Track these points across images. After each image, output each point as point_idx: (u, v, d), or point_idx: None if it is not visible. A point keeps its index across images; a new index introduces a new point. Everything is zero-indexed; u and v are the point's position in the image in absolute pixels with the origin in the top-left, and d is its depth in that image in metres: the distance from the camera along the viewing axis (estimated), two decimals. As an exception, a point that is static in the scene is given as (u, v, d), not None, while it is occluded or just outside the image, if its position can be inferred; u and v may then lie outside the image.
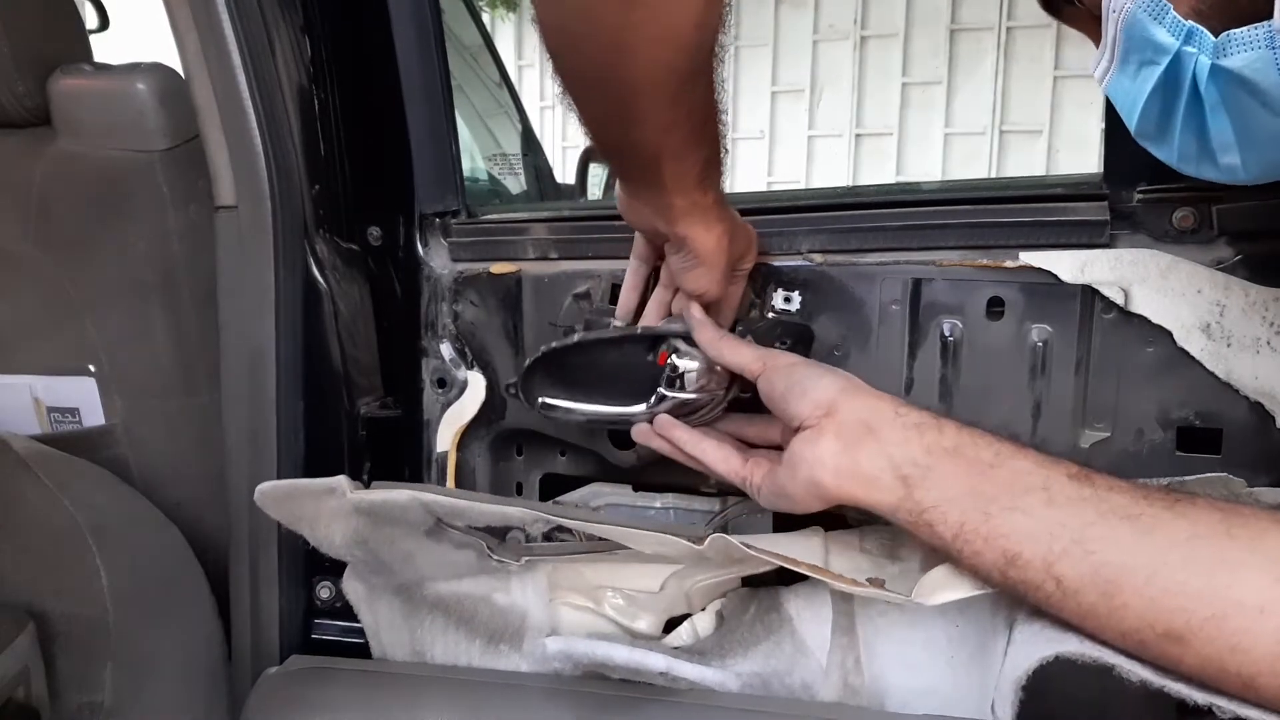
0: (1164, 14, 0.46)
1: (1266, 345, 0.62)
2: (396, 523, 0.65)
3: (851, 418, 0.57)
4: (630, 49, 0.48)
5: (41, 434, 0.98)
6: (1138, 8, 0.47)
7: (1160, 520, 0.48)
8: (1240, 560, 0.45)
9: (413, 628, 0.72)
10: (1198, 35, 0.45)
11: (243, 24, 0.73)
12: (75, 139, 0.91)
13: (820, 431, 0.58)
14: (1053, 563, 0.50)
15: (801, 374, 0.62)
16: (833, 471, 0.57)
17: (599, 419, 0.72)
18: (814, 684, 0.62)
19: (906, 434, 0.56)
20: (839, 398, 0.58)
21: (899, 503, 0.55)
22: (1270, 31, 0.42)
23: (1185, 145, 0.49)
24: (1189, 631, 0.45)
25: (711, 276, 0.64)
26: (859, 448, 0.56)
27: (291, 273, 0.77)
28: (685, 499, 0.84)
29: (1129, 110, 0.51)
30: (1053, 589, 0.50)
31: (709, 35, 0.50)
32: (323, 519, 0.66)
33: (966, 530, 0.53)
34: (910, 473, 0.55)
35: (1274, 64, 0.42)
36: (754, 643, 0.63)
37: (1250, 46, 0.43)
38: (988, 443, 0.55)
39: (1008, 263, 0.68)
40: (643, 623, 0.69)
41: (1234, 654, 0.44)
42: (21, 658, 0.77)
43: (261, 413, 0.77)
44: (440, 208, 0.82)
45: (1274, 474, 0.64)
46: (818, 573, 0.59)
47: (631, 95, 0.51)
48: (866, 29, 5.52)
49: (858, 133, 5.63)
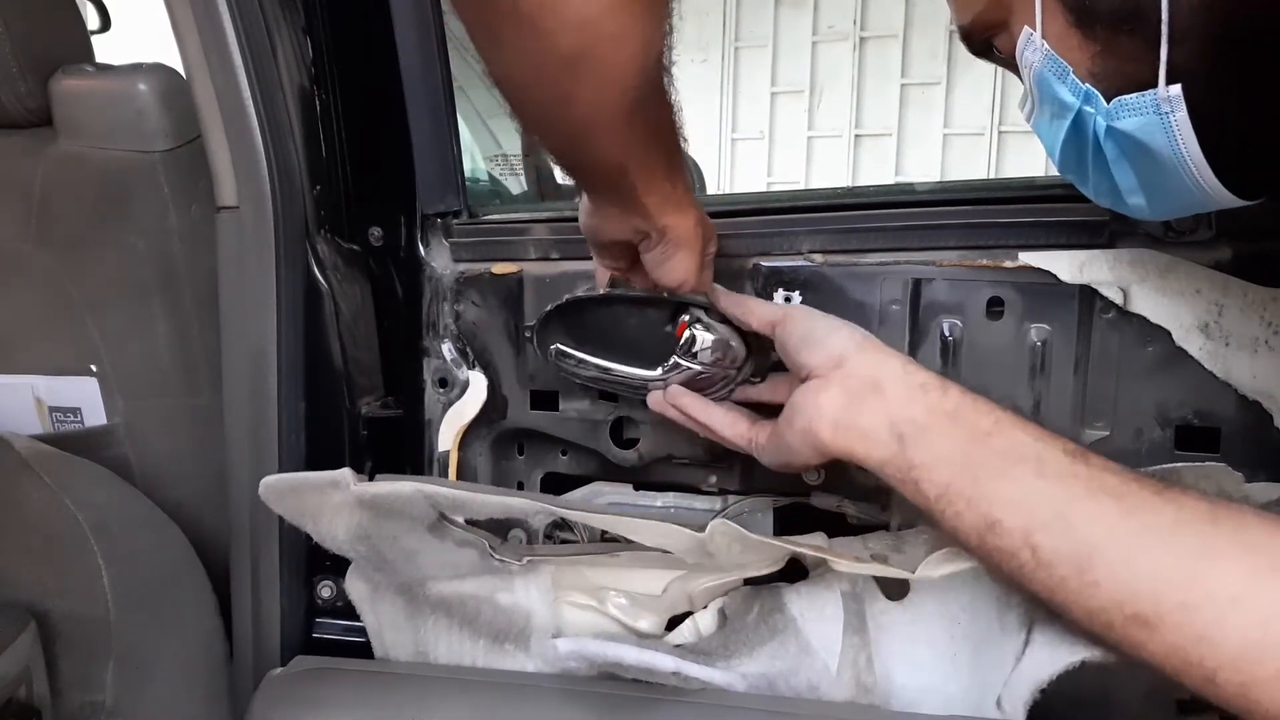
0: (1065, 75, 0.50)
1: (1265, 345, 0.63)
2: (399, 517, 0.65)
3: (860, 372, 0.58)
4: (577, 98, 0.49)
5: (43, 434, 0.98)
6: (1043, 68, 0.50)
7: (1146, 503, 0.48)
8: (1220, 549, 0.45)
9: (416, 627, 0.72)
10: (1094, 98, 0.49)
11: (244, 25, 0.73)
12: (76, 139, 0.91)
13: (827, 382, 0.59)
14: (1032, 532, 0.50)
15: (819, 324, 0.62)
16: (831, 424, 0.58)
17: (610, 377, 0.72)
18: (820, 684, 0.62)
19: (910, 393, 0.56)
20: (851, 352, 0.59)
21: (890, 458, 0.56)
22: (1155, 99, 0.46)
23: (1099, 185, 0.53)
24: (1157, 617, 0.45)
25: (691, 262, 0.65)
26: (862, 403, 0.57)
27: (293, 273, 0.77)
28: (686, 498, 0.84)
29: (1050, 149, 0.55)
30: (1027, 558, 0.50)
31: (654, 61, 0.51)
32: (326, 513, 0.66)
33: (952, 491, 0.53)
34: (906, 430, 0.56)
35: (1160, 128, 0.46)
36: (759, 643, 0.63)
37: (1139, 112, 0.47)
38: (988, 410, 0.55)
39: (1007, 263, 0.68)
40: (645, 622, 0.69)
41: (1199, 644, 0.44)
42: (23, 657, 0.77)
43: (263, 412, 0.77)
44: (442, 208, 0.82)
45: (1272, 472, 0.64)
46: (821, 551, 0.59)
47: (585, 129, 0.52)
48: (866, 30, 5.52)
49: (857, 133, 5.63)
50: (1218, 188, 0.47)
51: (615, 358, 0.71)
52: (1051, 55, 0.50)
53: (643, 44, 0.48)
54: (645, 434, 0.79)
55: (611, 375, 0.72)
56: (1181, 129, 0.45)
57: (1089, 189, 0.55)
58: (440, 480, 0.65)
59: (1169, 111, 0.45)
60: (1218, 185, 0.47)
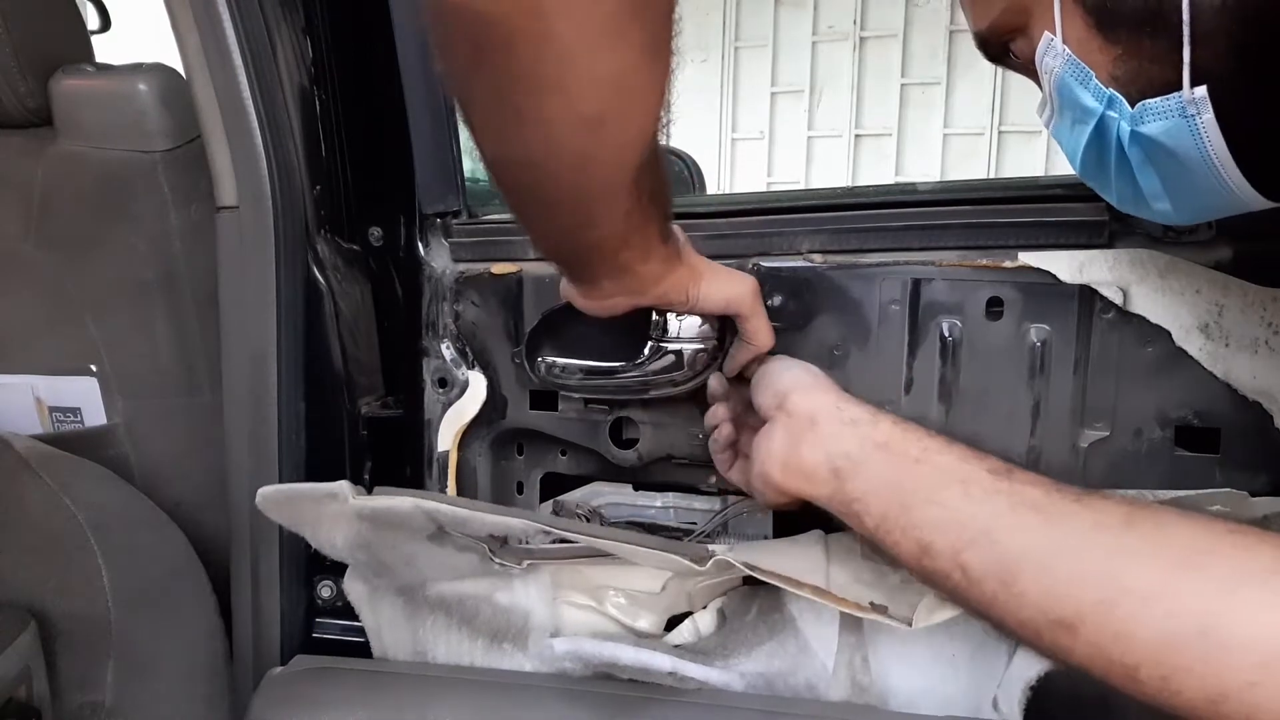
0: (1088, 80, 0.49)
1: (1264, 345, 0.63)
2: (399, 528, 0.65)
3: (799, 411, 0.60)
4: (596, 161, 0.47)
5: (43, 434, 0.98)
6: (1065, 73, 0.50)
7: (1067, 511, 0.49)
8: (1135, 549, 0.46)
9: (415, 628, 0.72)
10: (1118, 103, 0.48)
11: (244, 25, 0.73)
12: (77, 139, 0.91)
13: (774, 424, 0.61)
14: (960, 551, 0.51)
15: (769, 368, 0.65)
16: (780, 464, 0.59)
17: (598, 378, 0.72)
18: (818, 684, 0.62)
19: (843, 429, 0.58)
20: (790, 392, 0.61)
21: (832, 494, 0.57)
22: (1180, 102, 0.45)
23: (1122, 190, 0.53)
24: (1078, 619, 0.46)
25: (760, 320, 0.67)
26: (801, 441, 0.59)
27: (293, 273, 0.77)
28: (685, 498, 0.84)
29: (1071, 155, 0.55)
30: (959, 578, 0.51)
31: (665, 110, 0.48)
32: (324, 523, 0.66)
33: (888, 520, 0.54)
34: (842, 465, 0.57)
35: (1187, 131, 0.46)
36: (757, 643, 0.63)
37: (1164, 116, 0.46)
38: (917, 438, 0.56)
39: (1007, 263, 0.68)
40: (644, 622, 0.69)
41: (1117, 641, 0.44)
42: (23, 657, 0.77)
43: (263, 412, 0.77)
44: (441, 208, 0.82)
45: (1272, 473, 0.64)
46: (822, 596, 0.60)
47: (594, 200, 0.50)
48: (866, 30, 5.51)
49: (857, 133, 5.62)
50: (1246, 189, 0.47)
51: (601, 358, 0.72)
52: (1073, 60, 0.49)
53: (660, 96, 0.46)
54: (645, 434, 0.79)
55: (599, 372, 0.72)
56: (1208, 131, 0.45)
57: (1111, 195, 0.55)
58: (439, 496, 0.64)
59: (1195, 114, 0.45)
60: (1246, 186, 0.47)
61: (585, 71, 0.42)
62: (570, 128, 0.44)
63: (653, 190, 0.53)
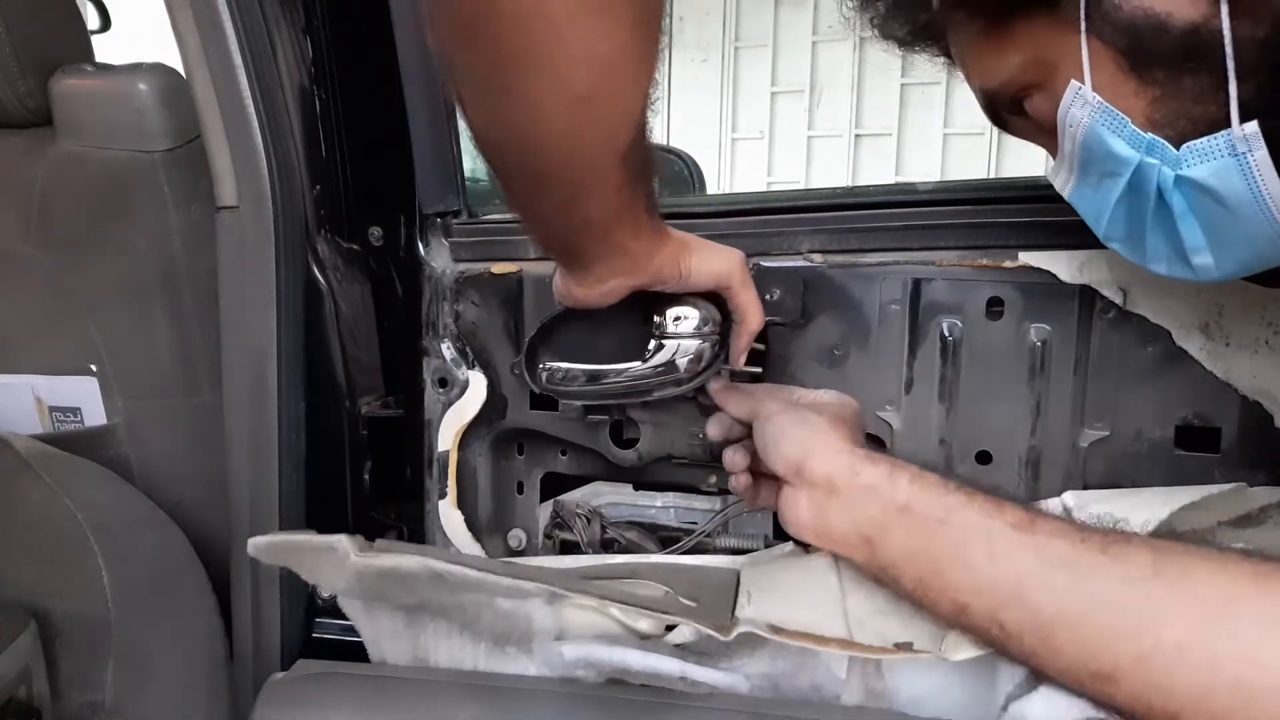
0: (1123, 127, 0.47)
1: (1265, 345, 0.63)
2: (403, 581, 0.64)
3: (817, 478, 0.59)
4: (585, 141, 0.47)
5: (43, 433, 0.98)
6: (1095, 122, 0.48)
7: (1094, 565, 0.49)
8: (1164, 601, 0.46)
9: (414, 635, 0.71)
10: (1159, 148, 0.46)
11: (244, 25, 0.73)
12: (77, 139, 0.91)
13: (796, 492, 0.60)
14: (995, 611, 0.51)
15: (776, 429, 0.63)
16: (813, 533, 0.60)
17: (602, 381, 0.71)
18: (824, 685, 0.62)
19: (863, 495, 0.57)
20: (804, 459, 0.60)
21: (866, 560, 0.58)
22: (1230, 140, 0.43)
23: (1155, 248, 0.51)
24: (1118, 672, 0.46)
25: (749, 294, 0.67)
26: (827, 510, 0.58)
27: (293, 273, 0.77)
28: (685, 498, 0.84)
29: (1095, 218, 0.53)
30: (998, 633, 0.51)
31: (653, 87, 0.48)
32: (324, 569, 0.64)
33: (923, 584, 0.54)
34: (870, 532, 0.57)
35: (1237, 171, 0.43)
36: (760, 642, 0.63)
37: (1212, 156, 0.44)
38: (938, 495, 0.55)
39: (1007, 263, 0.68)
40: (645, 623, 0.69)
41: (1158, 693, 0.45)
42: (23, 657, 0.77)
43: (263, 412, 0.77)
44: (441, 208, 0.82)
45: (1272, 472, 0.64)
46: (848, 648, 0.59)
47: (584, 177, 0.50)
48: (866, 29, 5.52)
49: (857, 133, 5.62)
50: None
51: (603, 361, 0.71)
52: (1105, 107, 0.47)
53: (650, 74, 0.46)
54: (645, 434, 0.79)
55: (601, 374, 0.71)
56: (1262, 169, 0.43)
57: (1143, 255, 0.52)
58: (446, 554, 0.63)
59: (1246, 151, 0.43)
60: None
61: (574, 48, 0.42)
62: (559, 105, 0.44)
63: (641, 167, 0.53)
